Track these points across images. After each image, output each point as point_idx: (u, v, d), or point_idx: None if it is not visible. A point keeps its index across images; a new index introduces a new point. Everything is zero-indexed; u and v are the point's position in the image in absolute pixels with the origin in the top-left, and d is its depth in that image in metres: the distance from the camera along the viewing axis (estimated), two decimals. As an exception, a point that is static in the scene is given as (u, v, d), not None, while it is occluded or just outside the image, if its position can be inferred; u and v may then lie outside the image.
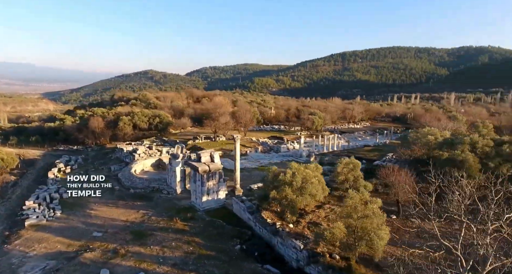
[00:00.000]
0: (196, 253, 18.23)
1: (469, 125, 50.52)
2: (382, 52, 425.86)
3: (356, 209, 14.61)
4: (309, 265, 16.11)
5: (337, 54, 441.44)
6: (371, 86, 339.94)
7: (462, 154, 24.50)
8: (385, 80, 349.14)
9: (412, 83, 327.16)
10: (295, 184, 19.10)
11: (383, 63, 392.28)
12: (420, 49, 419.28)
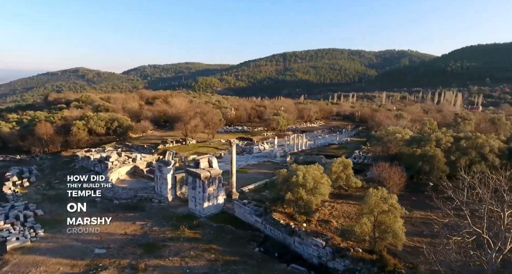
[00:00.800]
0: (220, 259, 18.34)
1: (414, 123, 56.99)
2: (319, 54, 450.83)
3: (378, 205, 16.34)
4: (333, 260, 17.45)
5: (278, 55, 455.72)
6: (311, 85, 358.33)
7: (431, 149, 28.24)
8: (323, 80, 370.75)
9: (347, 83, 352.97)
10: (308, 185, 20.31)
11: (321, 64, 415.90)
12: (353, 52, 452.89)
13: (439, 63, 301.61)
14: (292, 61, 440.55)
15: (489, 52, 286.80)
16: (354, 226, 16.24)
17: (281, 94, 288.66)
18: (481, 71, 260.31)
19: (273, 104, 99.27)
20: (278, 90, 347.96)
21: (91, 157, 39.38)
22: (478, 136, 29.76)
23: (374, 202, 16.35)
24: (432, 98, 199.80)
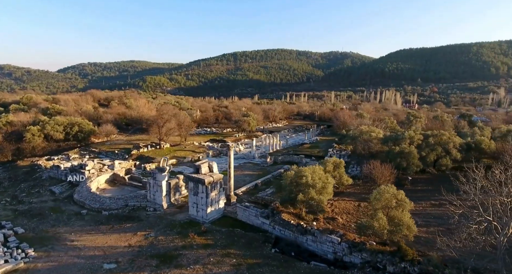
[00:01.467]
0: (243, 263, 18.64)
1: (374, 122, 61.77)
2: (269, 54, 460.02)
3: (391, 200, 18.09)
4: (350, 254, 18.84)
5: (229, 54, 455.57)
6: (263, 85, 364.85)
7: (408, 147, 31.39)
8: (274, 80, 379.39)
9: (296, 83, 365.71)
10: (318, 185, 21.49)
11: (271, 64, 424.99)
12: (300, 52, 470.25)
13: (378, 64, 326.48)
14: (243, 61, 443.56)
15: (419, 55, 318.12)
16: (371, 221, 17.72)
17: (233, 94, 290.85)
18: (413, 73, 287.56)
19: (234, 105, 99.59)
20: (230, 89, 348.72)
21: (61, 165, 36.27)
22: (443, 133, 33.76)
23: (388, 198, 18.06)
24: (375, 97, 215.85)
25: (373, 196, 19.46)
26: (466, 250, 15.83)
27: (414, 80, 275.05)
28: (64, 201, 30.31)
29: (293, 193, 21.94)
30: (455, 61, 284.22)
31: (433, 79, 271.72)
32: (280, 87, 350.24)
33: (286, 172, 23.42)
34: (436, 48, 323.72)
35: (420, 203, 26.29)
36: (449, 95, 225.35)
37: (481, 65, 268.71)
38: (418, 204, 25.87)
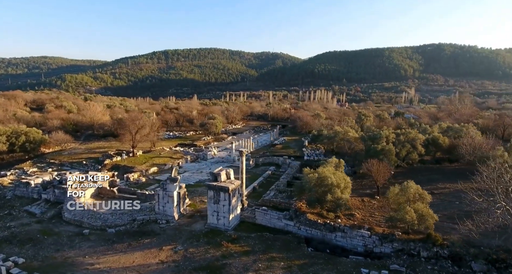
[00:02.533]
0: (292, 265, 19.54)
1: (331, 121, 66.90)
2: (202, 53, 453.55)
3: (414, 195, 20.94)
4: (381, 245, 21.20)
5: (159, 52, 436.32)
6: (198, 84, 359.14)
7: (387, 145, 35.55)
8: (209, 79, 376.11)
9: (232, 82, 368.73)
10: (342, 185, 23.42)
11: (204, 63, 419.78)
12: (233, 52, 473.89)
13: (308, 65, 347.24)
14: (175, 60, 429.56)
15: (342, 57, 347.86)
16: (402, 214, 20.25)
17: (168, 94, 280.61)
18: (338, 74, 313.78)
19: (185, 106, 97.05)
20: (165, 89, 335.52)
21: (31, 182, 31.82)
22: (410, 132, 38.95)
23: (412, 192, 20.88)
24: (308, 97, 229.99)
25: (392, 192, 22.16)
26: (480, 232, 19.34)
27: (340, 80, 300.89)
28: (51, 221, 26.95)
29: (318, 194, 23.47)
30: (372, 64, 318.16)
31: (355, 79, 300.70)
32: (216, 86, 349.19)
33: (308, 175, 24.77)
34: (356, 51, 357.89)
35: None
36: (370, 94, 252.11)
37: (393, 68, 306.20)
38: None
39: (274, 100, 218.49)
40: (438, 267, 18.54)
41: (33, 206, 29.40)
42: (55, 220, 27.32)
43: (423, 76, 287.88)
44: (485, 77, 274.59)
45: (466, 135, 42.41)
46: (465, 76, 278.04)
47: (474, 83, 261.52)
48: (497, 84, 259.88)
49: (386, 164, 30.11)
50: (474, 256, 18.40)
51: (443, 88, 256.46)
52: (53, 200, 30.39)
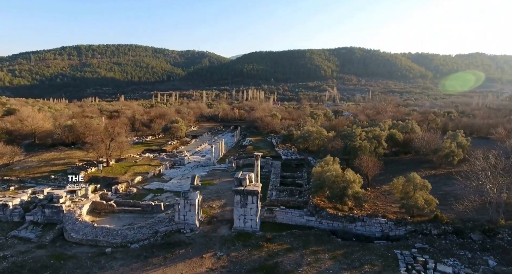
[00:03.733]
0: (338, 255, 21.75)
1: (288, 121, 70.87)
2: (121, 49, 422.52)
3: (419, 184, 25.23)
4: (396, 229, 25.01)
5: (70, 47, 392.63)
6: (120, 84, 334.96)
7: (363, 142, 40.44)
8: (131, 78, 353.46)
9: (157, 81, 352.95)
10: (357, 180, 26.59)
11: (124, 60, 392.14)
12: (157, 49, 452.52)
13: (237, 65, 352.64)
14: (90, 56, 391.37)
15: (269, 58, 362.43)
16: (415, 200, 24.27)
17: (86, 95, 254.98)
18: (266, 73, 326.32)
19: (129, 110, 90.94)
20: (81, 89, 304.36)
21: (9, 204, 27.52)
22: (375, 129, 44.78)
23: (418, 182, 25.14)
24: (242, 96, 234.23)
25: (397, 183, 26.26)
26: (469, 209, 24.55)
27: (268, 80, 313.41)
28: (56, 245, 24.14)
29: (339, 189, 26.28)
30: (296, 64, 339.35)
31: (282, 79, 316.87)
32: (141, 86, 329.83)
33: (327, 173, 27.27)
34: (281, 52, 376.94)
35: (389, 183, 35.32)
36: (297, 93, 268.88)
37: (314, 68, 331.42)
38: (388, 184, 34.82)
39: (207, 99, 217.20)
40: (448, 241, 23.01)
41: (21, 231, 25.71)
42: (59, 242, 24.56)
43: (340, 76, 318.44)
44: (388, 77, 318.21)
45: (412, 131, 50.49)
46: (372, 76, 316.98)
47: (380, 83, 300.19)
48: (397, 83, 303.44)
49: (375, 159, 34.61)
50: (471, 229, 23.35)
51: (357, 87, 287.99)
52: (42, 221, 26.98)
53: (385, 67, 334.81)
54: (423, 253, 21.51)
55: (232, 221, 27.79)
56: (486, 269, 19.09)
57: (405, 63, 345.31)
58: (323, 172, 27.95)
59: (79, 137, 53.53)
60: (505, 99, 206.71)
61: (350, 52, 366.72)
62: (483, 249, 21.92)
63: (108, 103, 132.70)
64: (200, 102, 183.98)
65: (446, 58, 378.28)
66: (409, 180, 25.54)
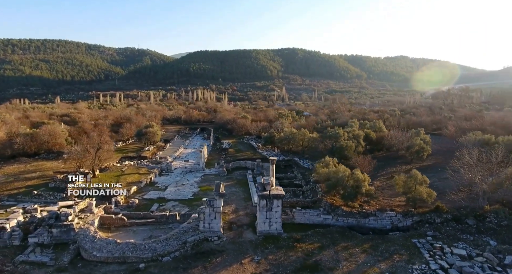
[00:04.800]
0: (366, 249, 23.81)
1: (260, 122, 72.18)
2: (48, 45, 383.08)
3: (419, 179, 28.67)
4: (404, 221, 28.10)
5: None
6: (50, 83, 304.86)
7: (347, 142, 43.72)
8: (63, 77, 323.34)
9: (94, 81, 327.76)
10: (367, 179, 29.14)
11: (53, 57, 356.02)
12: (91, 46, 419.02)
13: (183, 64, 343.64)
14: (10, 52, 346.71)
15: (215, 57, 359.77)
16: (420, 193, 27.54)
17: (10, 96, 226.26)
18: (213, 73, 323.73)
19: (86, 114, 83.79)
20: (1, 89, 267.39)
21: (6, 226, 24.34)
22: (355, 129, 48.57)
23: (419, 178, 28.54)
24: (192, 97, 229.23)
25: (399, 179, 29.50)
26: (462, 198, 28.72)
27: (216, 79, 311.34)
28: (77, 266, 22.23)
29: (352, 188, 28.58)
30: (243, 64, 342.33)
31: (229, 78, 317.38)
32: (76, 85, 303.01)
33: (341, 174, 29.28)
34: (227, 51, 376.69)
35: (378, 179, 39.00)
36: (246, 93, 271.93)
37: (261, 68, 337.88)
38: (377, 180, 38.48)
39: (154, 100, 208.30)
40: (450, 227, 26.69)
41: (29, 255, 23.06)
42: (80, 263, 22.70)
43: (285, 76, 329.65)
44: (329, 77, 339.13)
45: (380, 130, 55.74)
46: (315, 76, 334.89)
47: (322, 83, 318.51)
48: (337, 83, 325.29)
49: (370, 157, 37.85)
50: (466, 215, 27.36)
51: (302, 87, 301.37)
52: (49, 242, 24.48)
53: (325, 67, 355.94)
54: (436, 240, 24.77)
55: (251, 225, 28.60)
56: (491, 249, 22.87)
57: (342, 64, 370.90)
58: (335, 173, 30.00)
59: (42, 146, 48.45)
60: (428, 97, 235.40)
61: (293, 53, 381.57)
62: (479, 232, 25.97)
63: (48, 106, 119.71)
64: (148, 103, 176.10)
65: (377, 60, 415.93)
66: (411, 176, 28.85)
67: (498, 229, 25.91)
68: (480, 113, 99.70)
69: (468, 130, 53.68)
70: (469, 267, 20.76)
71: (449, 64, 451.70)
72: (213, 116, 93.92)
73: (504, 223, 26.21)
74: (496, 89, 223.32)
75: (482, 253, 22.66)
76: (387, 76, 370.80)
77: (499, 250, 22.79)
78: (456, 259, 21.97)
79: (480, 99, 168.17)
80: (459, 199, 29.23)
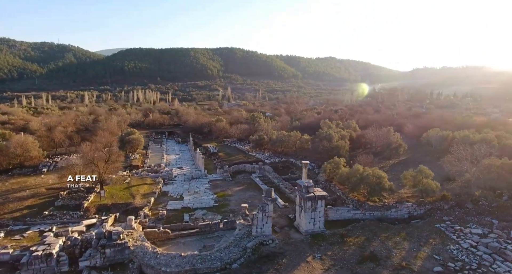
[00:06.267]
0: (405, 236, 27.37)
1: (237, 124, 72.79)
2: None
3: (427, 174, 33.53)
4: (419, 208, 32.60)
5: None
6: None
7: (341, 141, 47.74)
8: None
9: (5, 79, 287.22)
10: (385, 176, 32.96)
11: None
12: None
13: (115, 62, 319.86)
14: None
15: (151, 55, 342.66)
16: (431, 186, 32.25)
17: None
18: (151, 72, 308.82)
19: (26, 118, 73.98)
20: None
21: (52, 252, 21.77)
22: (342, 130, 52.96)
23: (426, 172, 33.35)
24: (132, 97, 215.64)
25: (408, 174, 34.13)
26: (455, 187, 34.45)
27: (154, 78, 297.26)
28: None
29: (375, 184, 32.14)
30: (182, 63, 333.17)
31: (169, 78, 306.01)
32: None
33: (365, 173, 32.48)
34: (163, 49, 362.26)
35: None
36: (189, 93, 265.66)
37: (201, 67, 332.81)
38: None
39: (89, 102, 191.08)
40: (457, 212, 31.92)
41: (90, 282, 21.27)
42: (152, 284, 21.74)
43: (226, 75, 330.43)
44: (268, 77, 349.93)
45: (355, 129, 61.47)
46: (255, 76, 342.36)
47: (263, 82, 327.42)
48: (276, 83, 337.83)
49: (371, 156, 42.09)
50: (464, 201, 33.05)
51: (244, 86, 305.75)
52: (101, 264, 22.72)
53: (264, 67, 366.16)
54: (453, 223, 29.65)
55: (291, 226, 30.28)
56: (498, 226, 28.43)
57: (279, 64, 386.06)
58: (356, 171, 33.30)
59: (13, 160, 42.63)
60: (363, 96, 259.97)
61: (231, 53, 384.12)
62: (478, 214, 31.65)
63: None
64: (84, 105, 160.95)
65: (310, 60, 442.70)
66: (420, 171, 33.62)
67: (491, 210, 31.92)
68: (410, 111, 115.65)
69: (423, 128, 62.68)
70: (492, 242, 25.71)
71: (370, 65, 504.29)
72: (178, 119, 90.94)
73: (494, 205, 32.38)
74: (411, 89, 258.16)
75: (492, 230, 28.03)
76: (320, 76, 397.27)
77: (503, 226, 28.43)
78: (476, 238, 26.86)
79: (404, 98, 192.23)
80: (452, 188, 35.00)
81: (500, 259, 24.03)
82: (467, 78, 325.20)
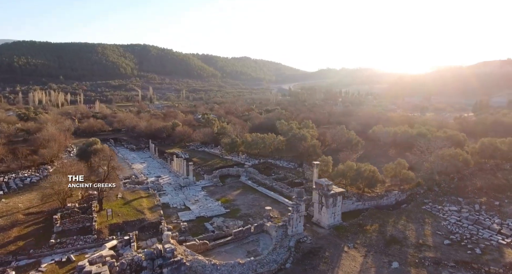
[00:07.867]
0: (407, 219, 32.50)
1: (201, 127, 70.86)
2: None
3: (404, 165, 39.83)
4: (403, 195, 38.61)
5: None
6: None
7: (315, 141, 51.88)
8: None
9: None
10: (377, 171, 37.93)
11: None
12: None
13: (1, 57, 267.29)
14: None
15: (48, 50, 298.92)
16: (407, 176, 38.41)
17: None
18: (50, 69, 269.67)
19: None
20: None
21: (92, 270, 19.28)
22: (308, 130, 57.23)
23: (405, 165, 39.58)
24: (33, 99, 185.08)
25: (389, 166, 40.10)
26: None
27: (55, 77, 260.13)
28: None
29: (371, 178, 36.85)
30: (88, 60, 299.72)
31: (74, 76, 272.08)
32: None
33: (362, 169, 36.61)
34: (63, 44, 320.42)
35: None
36: (103, 93, 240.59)
37: (111, 65, 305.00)
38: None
39: None
40: (430, 194, 38.92)
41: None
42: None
43: (141, 74, 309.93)
44: (186, 76, 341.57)
45: (312, 128, 66.99)
46: (172, 75, 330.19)
47: (182, 82, 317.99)
48: (196, 82, 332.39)
49: (350, 152, 46.99)
50: (431, 185, 40.46)
51: (163, 86, 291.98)
52: None
53: (182, 66, 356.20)
54: (433, 204, 36.31)
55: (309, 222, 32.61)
56: (465, 202, 36.02)
57: (197, 63, 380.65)
58: (351, 167, 37.56)
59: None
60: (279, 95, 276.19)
61: (145, 50, 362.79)
62: (444, 194, 39.23)
63: None
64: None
65: (226, 60, 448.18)
66: (399, 164, 39.81)
67: (452, 190, 39.96)
68: (330, 108, 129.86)
69: (364, 125, 72.23)
70: (469, 216, 32.75)
71: (282, 66, 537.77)
72: (118, 124, 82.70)
73: (452, 186, 40.60)
74: (322, 88, 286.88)
75: (462, 206, 35.45)
76: (237, 75, 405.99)
77: (468, 202, 36.20)
78: (456, 214, 33.73)
79: (321, 96, 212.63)
80: (420, 175, 42.45)
81: (480, 227, 30.94)
82: (361, 78, 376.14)
